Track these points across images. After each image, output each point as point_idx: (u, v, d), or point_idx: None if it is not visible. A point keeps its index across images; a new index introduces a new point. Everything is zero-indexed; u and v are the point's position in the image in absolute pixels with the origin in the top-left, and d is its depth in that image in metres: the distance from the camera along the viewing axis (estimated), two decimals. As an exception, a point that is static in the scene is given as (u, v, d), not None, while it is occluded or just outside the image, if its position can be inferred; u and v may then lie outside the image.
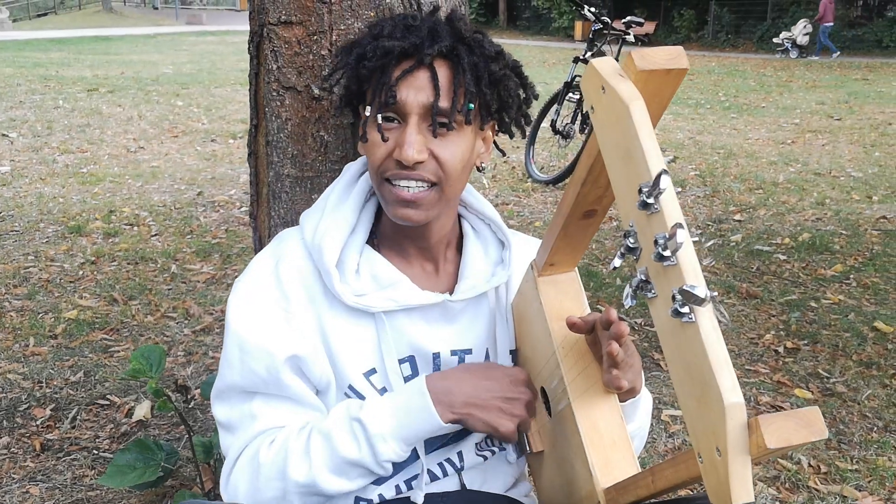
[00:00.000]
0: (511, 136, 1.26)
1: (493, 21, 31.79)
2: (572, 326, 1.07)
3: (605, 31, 5.86)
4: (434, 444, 1.23)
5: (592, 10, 5.80)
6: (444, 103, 1.07)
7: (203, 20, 31.21)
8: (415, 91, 1.07)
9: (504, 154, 1.35)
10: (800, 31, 20.20)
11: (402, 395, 1.13)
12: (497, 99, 1.15)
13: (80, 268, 4.05)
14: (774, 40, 21.29)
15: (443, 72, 1.08)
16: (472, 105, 1.09)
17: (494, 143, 1.26)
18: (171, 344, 3.17)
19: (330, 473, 1.09)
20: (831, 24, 20.05)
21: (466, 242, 1.26)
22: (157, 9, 40.37)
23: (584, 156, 0.92)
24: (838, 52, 19.76)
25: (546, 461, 1.20)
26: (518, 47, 22.22)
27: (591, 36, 6.00)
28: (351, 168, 1.25)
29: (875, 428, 2.66)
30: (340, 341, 1.16)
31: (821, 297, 3.84)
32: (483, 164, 1.21)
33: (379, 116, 1.09)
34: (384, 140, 1.09)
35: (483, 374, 1.15)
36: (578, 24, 25.26)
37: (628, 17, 5.99)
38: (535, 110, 6.26)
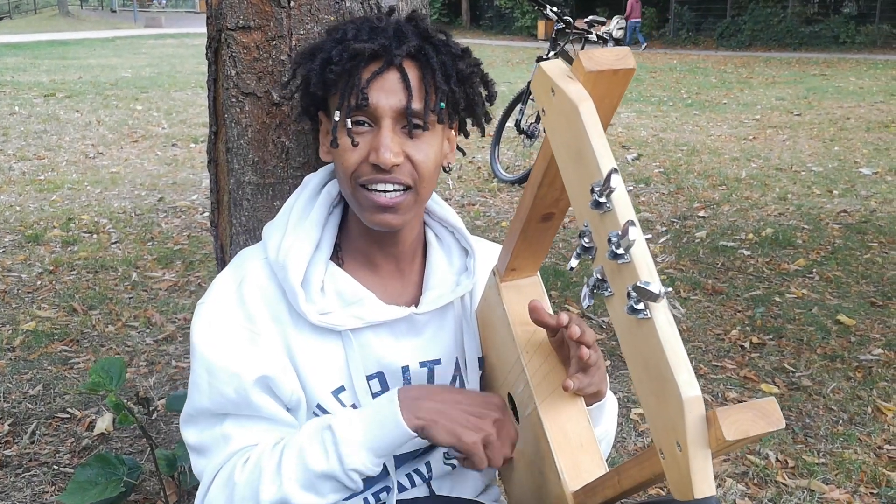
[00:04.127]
0: (466, 136, 1.25)
1: (455, 21, 31.85)
2: (533, 312, 1.05)
3: (567, 31, 5.88)
4: (402, 457, 1.21)
5: (554, 9, 5.81)
6: (416, 104, 1.06)
7: (162, 23, 30.86)
8: (386, 94, 1.06)
9: (464, 154, 1.34)
10: (614, 26, 22.78)
11: (373, 404, 1.11)
12: (464, 97, 1.14)
13: (38, 278, 3.97)
14: (552, 36, 24.47)
15: (412, 72, 1.07)
16: (443, 104, 1.09)
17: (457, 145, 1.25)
18: (133, 354, 3.11)
19: (301, 489, 1.06)
20: (639, 20, 23.05)
21: (430, 251, 1.24)
22: (115, 12, 39.84)
23: (539, 159, 0.92)
24: (644, 45, 22.71)
25: (515, 466, 1.19)
26: (481, 47, 22.27)
27: (553, 35, 6.01)
28: (312, 180, 1.22)
29: (840, 421, 2.69)
30: (307, 360, 1.14)
31: (785, 292, 3.88)
32: (449, 165, 1.20)
33: (349, 121, 1.07)
34: (354, 145, 1.07)
35: (459, 391, 1.14)
36: (541, 24, 25.40)
37: (590, 17, 6.02)
38: (499, 110, 6.28)
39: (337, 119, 1.09)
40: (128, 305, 3.61)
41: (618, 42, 5.69)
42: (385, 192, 1.08)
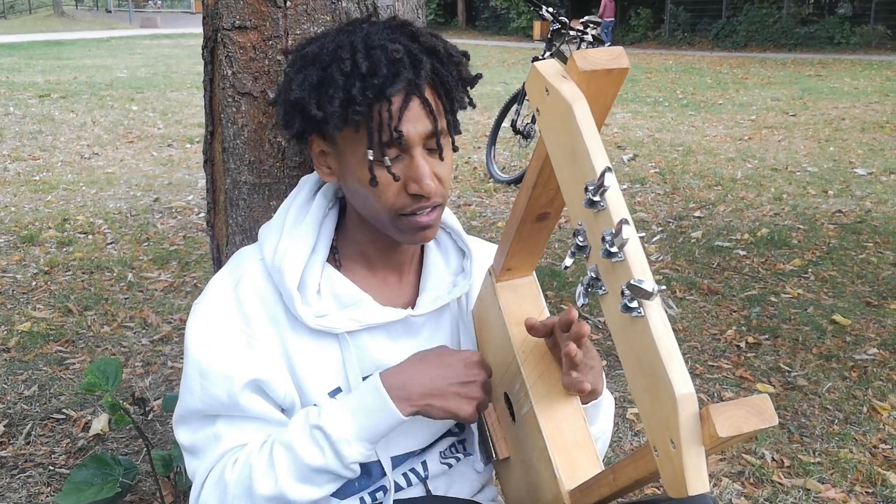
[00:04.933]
0: None
1: (451, 21, 31.85)
2: (531, 329, 1.07)
3: (563, 31, 5.89)
4: (399, 457, 1.21)
5: (550, 10, 5.82)
6: (441, 124, 1.07)
7: (157, 23, 30.79)
8: (412, 123, 1.04)
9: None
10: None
11: (358, 396, 1.11)
12: (467, 95, 1.14)
13: (33, 278, 3.96)
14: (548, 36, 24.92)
15: (428, 93, 1.06)
16: (458, 115, 1.10)
17: None
18: (129, 354, 3.11)
19: (297, 483, 1.07)
20: (612, 19, 23.15)
21: (427, 253, 1.25)
22: (110, 12, 39.77)
23: (534, 159, 0.93)
24: (608, 44, 23.10)
25: (512, 466, 1.19)
26: (477, 47, 22.29)
27: (549, 36, 6.02)
28: (307, 182, 1.22)
29: (836, 420, 2.70)
30: (304, 362, 1.14)
31: (780, 292, 3.89)
32: None
33: (386, 159, 1.05)
34: (397, 180, 1.06)
35: (437, 361, 1.14)
36: (537, 24, 25.39)
37: (586, 17, 6.03)
38: (495, 110, 6.28)
39: (371, 158, 1.05)
40: (123, 306, 3.60)
41: (591, 42, 5.69)
42: (425, 211, 1.09)
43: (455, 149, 1.24)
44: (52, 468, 2.37)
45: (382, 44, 1.04)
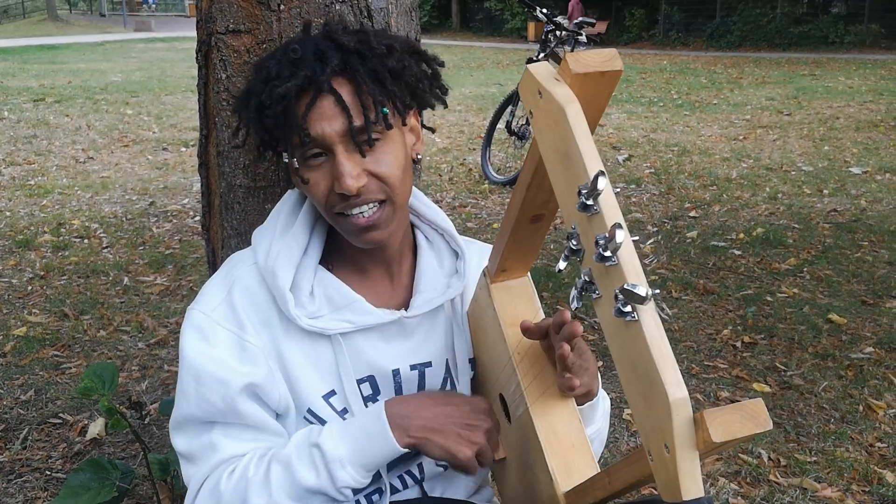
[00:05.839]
0: (433, 108, 1.21)
1: (446, 23, 31.87)
2: (525, 331, 1.07)
3: (557, 33, 5.89)
4: (395, 460, 1.21)
5: (544, 11, 5.82)
6: (357, 121, 1.04)
7: (152, 27, 30.80)
8: (326, 121, 1.04)
9: (433, 132, 1.33)
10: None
11: (360, 420, 1.12)
12: (407, 89, 1.11)
13: (28, 283, 3.95)
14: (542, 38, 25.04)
15: (345, 90, 1.05)
16: (385, 109, 1.06)
17: (422, 124, 1.22)
18: (125, 358, 3.10)
19: (291, 501, 1.07)
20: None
21: (420, 254, 1.24)
22: (104, 16, 39.70)
23: (528, 161, 0.93)
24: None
25: (508, 467, 1.20)
26: (472, 49, 22.30)
27: (543, 37, 6.02)
28: None
29: (832, 419, 2.70)
30: (298, 365, 1.14)
31: (776, 291, 3.90)
32: (418, 155, 1.18)
33: (295, 160, 1.07)
34: (305, 182, 1.08)
35: (444, 400, 1.14)
36: (531, 26, 25.41)
37: (580, 18, 6.04)
38: (490, 112, 6.28)
39: (286, 160, 1.08)
40: (119, 310, 3.60)
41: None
42: (361, 213, 1.08)
43: (417, 162, 1.20)
44: (48, 473, 2.36)
45: (290, 47, 1.08)
